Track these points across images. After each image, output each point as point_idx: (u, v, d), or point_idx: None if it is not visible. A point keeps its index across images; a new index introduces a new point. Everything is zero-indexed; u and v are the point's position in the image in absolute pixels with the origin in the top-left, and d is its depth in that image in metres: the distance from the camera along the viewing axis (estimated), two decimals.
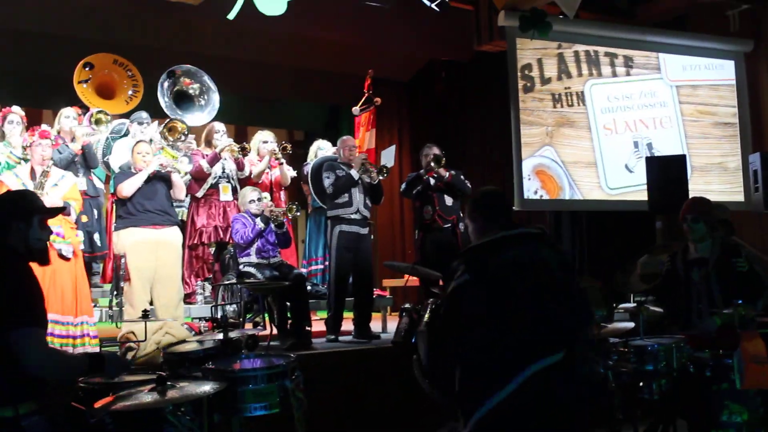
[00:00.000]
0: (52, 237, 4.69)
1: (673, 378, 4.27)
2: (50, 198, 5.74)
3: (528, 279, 3.02)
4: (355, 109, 9.62)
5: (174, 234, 6.35)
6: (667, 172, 7.90)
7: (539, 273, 3.06)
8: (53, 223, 4.14)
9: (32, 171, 6.07)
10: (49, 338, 5.36)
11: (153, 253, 6.12)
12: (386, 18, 9.37)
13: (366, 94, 9.52)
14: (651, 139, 9.77)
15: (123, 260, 6.18)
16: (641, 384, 4.33)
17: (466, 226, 7.45)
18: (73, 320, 5.84)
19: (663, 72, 9.98)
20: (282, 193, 8.24)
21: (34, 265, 3.19)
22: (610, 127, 9.64)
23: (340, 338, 6.80)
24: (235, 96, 10.29)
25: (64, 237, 5.81)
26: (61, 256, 5.74)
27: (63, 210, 4.23)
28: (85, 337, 5.90)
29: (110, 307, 6.84)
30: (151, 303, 6.12)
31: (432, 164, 7.46)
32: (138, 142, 6.59)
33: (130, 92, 7.84)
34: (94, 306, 6.60)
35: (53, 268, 5.54)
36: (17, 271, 3.08)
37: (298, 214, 7.18)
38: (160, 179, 6.31)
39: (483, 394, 2.92)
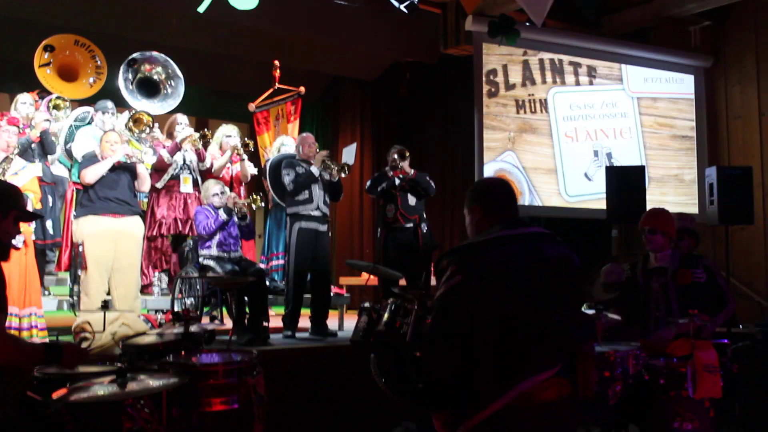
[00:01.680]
0: None
1: (628, 384, 4.34)
2: None
3: (526, 283, 2.77)
4: (251, 106, 9.54)
5: (135, 224, 6.28)
6: (625, 181, 8.01)
7: (540, 276, 2.80)
8: None
9: None
10: None
11: (112, 243, 6.05)
12: (353, 17, 9.39)
13: (273, 87, 9.44)
14: (611, 149, 9.93)
15: (81, 248, 6.10)
16: (596, 389, 4.38)
17: (428, 228, 7.50)
18: (19, 312, 5.73)
19: (625, 83, 10.15)
20: (242, 188, 8.19)
21: None
22: (572, 135, 9.77)
23: (297, 335, 6.79)
24: (199, 88, 10.21)
25: (19, 232, 5.70)
26: (13, 247, 5.63)
27: (39, 218, 4.15)
28: (33, 329, 5.77)
29: (70, 296, 6.75)
30: (108, 293, 6.05)
31: (396, 157, 7.45)
32: (108, 131, 6.52)
33: (92, 77, 7.70)
34: (48, 294, 6.51)
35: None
36: None
37: (262, 205, 7.14)
38: (125, 169, 6.25)
39: (471, 406, 2.72)
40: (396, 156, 7.47)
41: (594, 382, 2.88)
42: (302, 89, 9.30)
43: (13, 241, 5.55)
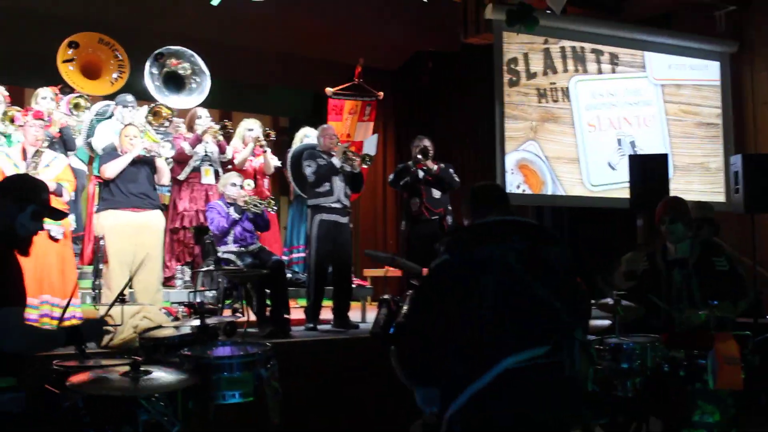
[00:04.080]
0: None
1: (647, 377, 4.30)
2: (42, 178, 5.69)
3: (515, 264, 2.79)
4: (329, 90, 9.56)
5: (155, 217, 6.33)
6: (649, 170, 7.93)
7: (529, 259, 2.82)
8: None
9: (24, 151, 6.02)
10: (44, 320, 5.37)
11: (133, 237, 6.09)
12: (374, 7, 9.35)
13: (353, 82, 9.47)
14: (634, 137, 9.81)
15: (102, 242, 6.15)
16: (615, 382, 4.35)
17: (454, 220, 7.48)
18: (61, 302, 5.79)
19: (648, 70, 10.01)
20: (266, 180, 8.20)
21: None
22: (594, 123, 9.66)
23: (319, 327, 6.80)
24: (220, 81, 10.20)
25: (41, 227, 5.74)
26: (51, 237, 5.68)
27: (64, 216, 4.21)
28: (72, 319, 5.84)
29: (93, 289, 6.80)
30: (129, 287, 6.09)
31: (419, 157, 7.44)
32: (127, 125, 6.56)
33: (115, 74, 7.77)
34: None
35: (43, 248, 5.48)
36: None
37: (276, 208, 7.15)
38: (144, 163, 6.29)
39: (456, 386, 2.73)
40: (419, 155, 7.45)
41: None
42: (381, 95, 9.35)
43: (53, 233, 5.62)
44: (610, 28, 9.85)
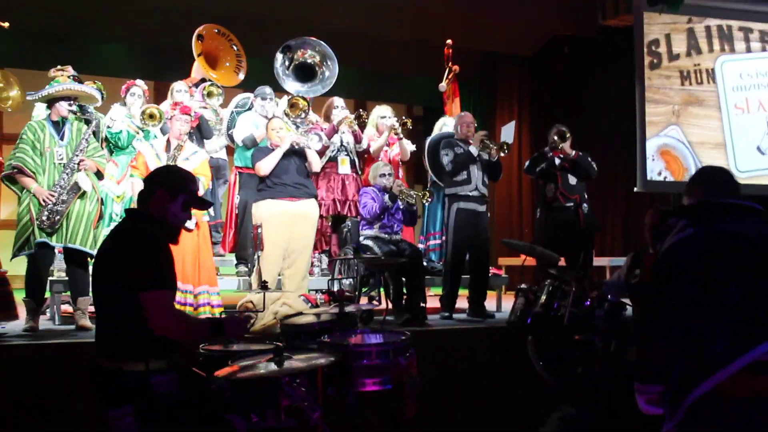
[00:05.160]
0: None
1: None
2: None
3: (760, 243, 2.57)
4: (442, 86, 9.48)
5: (310, 206, 6.43)
6: None
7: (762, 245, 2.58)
8: None
9: (168, 144, 6.27)
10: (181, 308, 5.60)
11: (288, 225, 6.23)
12: None
13: (447, 66, 9.35)
14: None
15: (259, 230, 6.32)
16: None
17: (589, 207, 7.28)
18: (193, 289, 6.01)
19: None
20: (400, 169, 8.21)
21: None
22: (742, 106, 9.22)
23: (455, 316, 6.78)
24: (354, 70, 10.33)
25: (190, 216, 5.97)
26: (185, 229, 5.89)
27: (209, 205, 4.36)
28: (206, 306, 6.05)
29: (248, 275, 7.01)
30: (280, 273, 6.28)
31: (555, 138, 7.28)
32: (272, 118, 6.73)
33: (234, 63, 7.98)
34: (218, 275, 6.78)
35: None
36: (152, 234, 3.23)
37: (431, 200, 7.17)
38: (294, 154, 6.41)
39: (696, 376, 2.48)
40: (556, 137, 7.30)
41: None
42: (457, 68, 9.23)
43: (187, 225, 5.84)
44: (760, 3, 9.33)
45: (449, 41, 9.27)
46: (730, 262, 2.51)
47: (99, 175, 6.04)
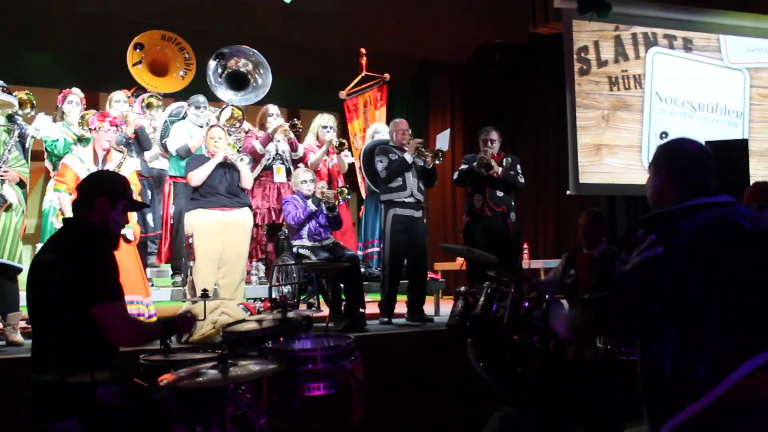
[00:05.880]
0: None
1: None
2: None
3: (732, 250, 2.43)
4: (342, 93, 9.52)
5: (243, 215, 6.41)
6: (727, 157, 7.72)
7: (745, 246, 2.46)
8: None
9: (95, 155, 6.15)
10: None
11: (220, 235, 6.20)
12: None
13: (360, 74, 9.42)
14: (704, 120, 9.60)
15: (191, 240, 6.26)
16: None
17: (516, 216, 7.32)
18: (143, 299, 5.94)
19: (724, 54, 9.76)
20: (340, 180, 8.18)
21: None
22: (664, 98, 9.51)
23: (394, 321, 6.80)
24: (289, 78, 10.31)
25: (128, 221, 5.88)
26: (125, 240, 5.80)
27: (146, 206, 4.32)
28: (140, 316, 5.95)
29: (182, 286, 6.93)
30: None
31: (482, 171, 7.25)
32: (212, 126, 6.68)
33: (182, 70, 7.88)
34: (152, 286, 6.69)
35: (122, 251, 5.61)
36: (97, 246, 3.17)
37: (349, 197, 7.17)
38: (228, 164, 6.38)
39: (677, 402, 2.38)
40: (482, 169, 7.25)
41: None
42: (387, 76, 9.28)
43: (128, 235, 5.76)
44: (683, 12, 9.62)
45: (363, 49, 9.32)
46: (700, 281, 2.41)
47: (21, 184, 5.88)
